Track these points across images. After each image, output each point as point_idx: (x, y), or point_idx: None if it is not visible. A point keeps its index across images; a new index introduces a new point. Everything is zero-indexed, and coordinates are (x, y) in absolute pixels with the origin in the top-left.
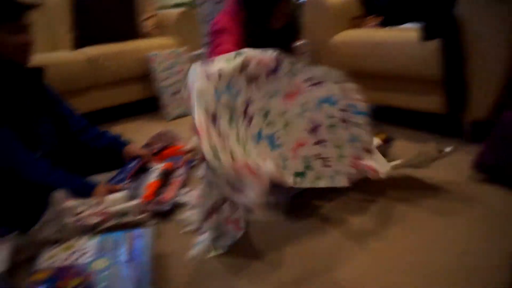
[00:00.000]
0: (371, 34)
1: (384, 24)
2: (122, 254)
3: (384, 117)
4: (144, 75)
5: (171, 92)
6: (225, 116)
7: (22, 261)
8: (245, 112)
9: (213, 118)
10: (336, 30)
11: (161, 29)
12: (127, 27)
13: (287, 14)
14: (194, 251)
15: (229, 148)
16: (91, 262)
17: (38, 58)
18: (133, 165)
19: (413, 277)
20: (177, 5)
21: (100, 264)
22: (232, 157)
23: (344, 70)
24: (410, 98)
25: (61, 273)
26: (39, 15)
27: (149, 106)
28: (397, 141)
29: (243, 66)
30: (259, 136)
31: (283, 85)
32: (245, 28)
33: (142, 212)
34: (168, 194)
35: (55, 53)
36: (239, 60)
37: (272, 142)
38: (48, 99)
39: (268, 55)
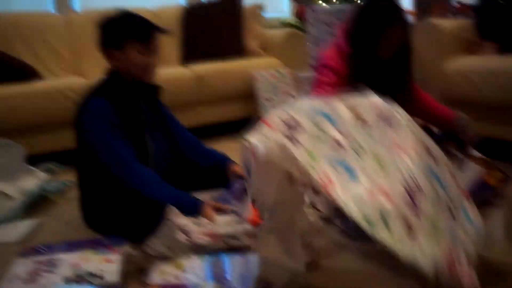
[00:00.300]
0: (489, 61)
1: (502, 50)
2: (231, 278)
3: (499, 153)
4: (247, 94)
5: None
6: (309, 131)
7: (132, 272)
8: (334, 140)
9: (294, 124)
10: (449, 56)
11: (266, 48)
12: (233, 45)
13: (398, 42)
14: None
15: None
16: (200, 283)
17: None
18: (239, 185)
19: None
20: (283, 25)
21: (209, 286)
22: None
23: (455, 98)
24: None
25: None
26: None
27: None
28: None
29: (353, 107)
30: (338, 162)
31: (393, 135)
32: (351, 62)
33: (250, 236)
34: None
35: (166, 68)
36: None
37: (352, 174)
38: (162, 115)
39: (383, 103)
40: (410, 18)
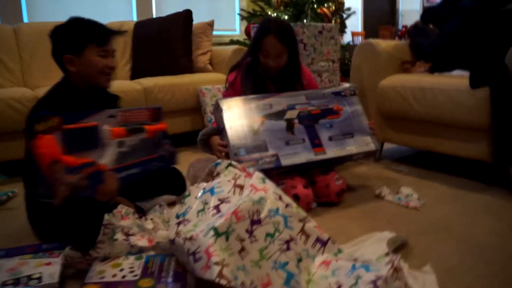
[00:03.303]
0: (419, 79)
1: (433, 70)
2: (166, 276)
3: (430, 164)
4: (195, 108)
5: None
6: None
7: (72, 274)
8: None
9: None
10: (385, 74)
11: (215, 64)
12: (182, 61)
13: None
14: None
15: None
16: (137, 280)
17: None
18: None
19: None
20: (232, 42)
21: (146, 283)
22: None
23: (391, 113)
24: (457, 145)
25: None
26: None
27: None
28: (442, 188)
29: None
30: (274, 264)
31: (254, 182)
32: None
33: None
34: None
35: (115, 81)
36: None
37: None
38: None
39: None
40: (358, 39)
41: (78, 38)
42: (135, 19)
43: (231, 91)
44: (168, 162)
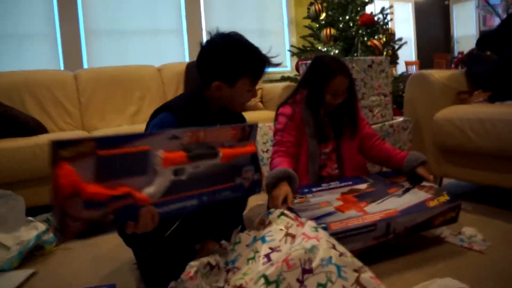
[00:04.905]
0: (477, 110)
1: (493, 99)
2: None
3: (494, 200)
4: None
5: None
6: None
7: None
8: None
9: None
10: (441, 106)
11: (265, 102)
12: None
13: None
14: None
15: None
16: None
17: None
18: None
19: None
20: (283, 79)
21: None
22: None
23: (448, 146)
24: None
25: None
26: (156, 83)
27: None
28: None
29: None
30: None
31: (306, 230)
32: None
33: None
34: None
35: None
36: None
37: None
38: None
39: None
40: (413, 68)
41: (235, 70)
42: (187, 60)
43: (290, 124)
44: (246, 192)
